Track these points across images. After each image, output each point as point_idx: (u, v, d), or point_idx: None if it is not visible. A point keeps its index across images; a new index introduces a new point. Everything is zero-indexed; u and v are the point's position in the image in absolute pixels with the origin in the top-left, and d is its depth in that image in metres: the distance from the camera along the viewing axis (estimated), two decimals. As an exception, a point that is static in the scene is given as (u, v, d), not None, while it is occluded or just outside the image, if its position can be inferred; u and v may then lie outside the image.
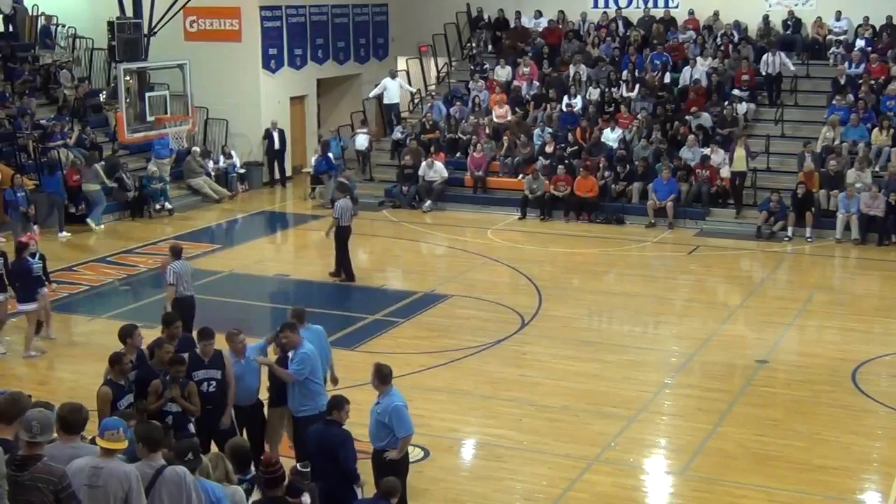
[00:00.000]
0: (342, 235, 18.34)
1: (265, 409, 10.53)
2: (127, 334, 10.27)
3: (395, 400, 9.19)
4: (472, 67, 28.74)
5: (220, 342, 10.32)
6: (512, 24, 29.87)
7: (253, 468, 8.57)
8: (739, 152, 22.79)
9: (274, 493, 7.67)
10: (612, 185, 23.58)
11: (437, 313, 16.86)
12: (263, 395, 10.66)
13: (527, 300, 17.38)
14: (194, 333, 10.68)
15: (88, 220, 22.48)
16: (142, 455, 7.23)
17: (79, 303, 17.58)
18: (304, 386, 10.07)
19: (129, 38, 22.52)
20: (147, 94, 22.41)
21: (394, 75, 28.26)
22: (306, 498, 7.99)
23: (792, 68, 25.31)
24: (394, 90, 27.94)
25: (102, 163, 23.61)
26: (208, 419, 9.88)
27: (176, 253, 14.61)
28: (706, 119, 24.53)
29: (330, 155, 25.72)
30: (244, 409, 10.27)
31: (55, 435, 6.87)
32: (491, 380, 13.84)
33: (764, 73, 25.45)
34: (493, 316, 16.63)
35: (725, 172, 22.80)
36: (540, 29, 29.39)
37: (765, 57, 25.35)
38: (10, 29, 27.60)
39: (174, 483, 7.05)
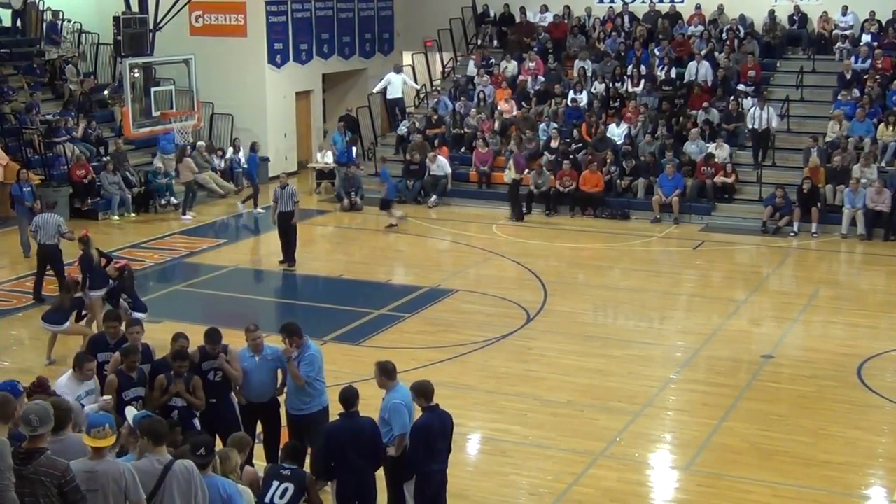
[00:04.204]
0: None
1: (281, 408, 10.46)
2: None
3: (395, 397, 9.15)
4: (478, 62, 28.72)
5: (227, 338, 10.35)
6: (517, 20, 29.88)
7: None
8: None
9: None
10: (618, 181, 23.58)
11: (443, 308, 16.86)
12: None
13: (532, 295, 17.38)
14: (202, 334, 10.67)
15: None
16: (147, 449, 7.24)
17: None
18: (310, 385, 10.05)
19: (134, 34, 22.57)
20: (152, 89, 22.43)
21: (398, 70, 28.26)
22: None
23: (775, 125, 23.71)
24: (397, 85, 27.94)
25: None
26: (213, 413, 9.90)
27: (49, 206, 17.18)
28: (714, 114, 24.49)
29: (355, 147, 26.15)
30: (258, 406, 10.24)
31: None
32: (496, 375, 13.85)
33: (750, 127, 23.82)
34: (498, 311, 16.63)
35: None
36: (545, 24, 29.38)
37: (752, 111, 23.75)
38: (19, 24, 27.66)
39: (184, 477, 7.07)
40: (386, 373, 9.31)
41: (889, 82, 24.38)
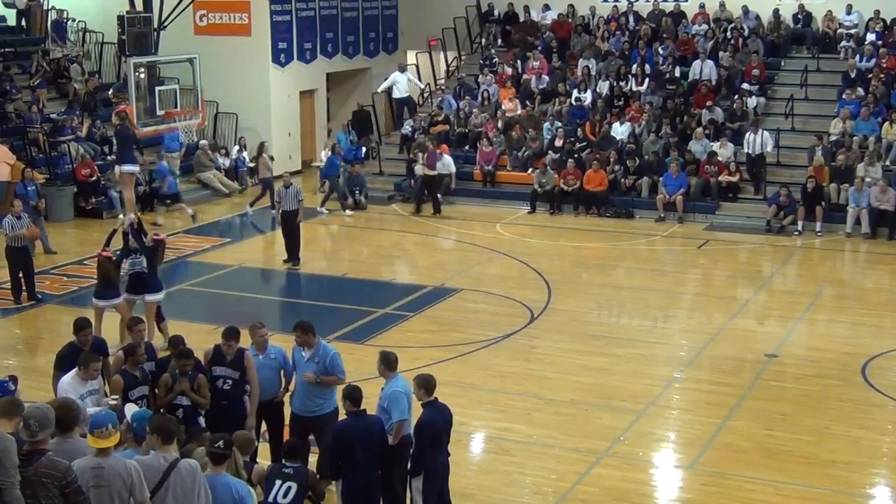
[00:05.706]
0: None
1: (284, 407, 10.45)
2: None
3: (395, 385, 9.24)
4: (482, 61, 28.73)
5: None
6: (521, 18, 29.89)
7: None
8: None
9: None
10: (622, 180, 23.57)
11: (447, 307, 16.87)
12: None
13: (536, 294, 17.38)
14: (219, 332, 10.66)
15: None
16: (156, 447, 7.26)
17: (88, 296, 17.56)
18: (325, 385, 10.02)
19: (138, 33, 22.55)
20: (157, 88, 22.44)
21: (403, 69, 28.25)
22: None
23: (770, 149, 23.05)
24: (403, 84, 27.94)
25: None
26: (221, 414, 9.85)
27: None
28: (719, 113, 24.47)
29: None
30: (262, 405, 10.20)
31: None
32: (500, 374, 13.86)
33: (745, 152, 23.17)
34: (502, 310, 16.64)
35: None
36: (547, 22, 29.39)
37: (747, 135, 23.15)
38: (24, 24, 27.71)
39: (188, 475, 7.08)
40: (388, 363, 9.39)
41: (894, 81, 24.36)
